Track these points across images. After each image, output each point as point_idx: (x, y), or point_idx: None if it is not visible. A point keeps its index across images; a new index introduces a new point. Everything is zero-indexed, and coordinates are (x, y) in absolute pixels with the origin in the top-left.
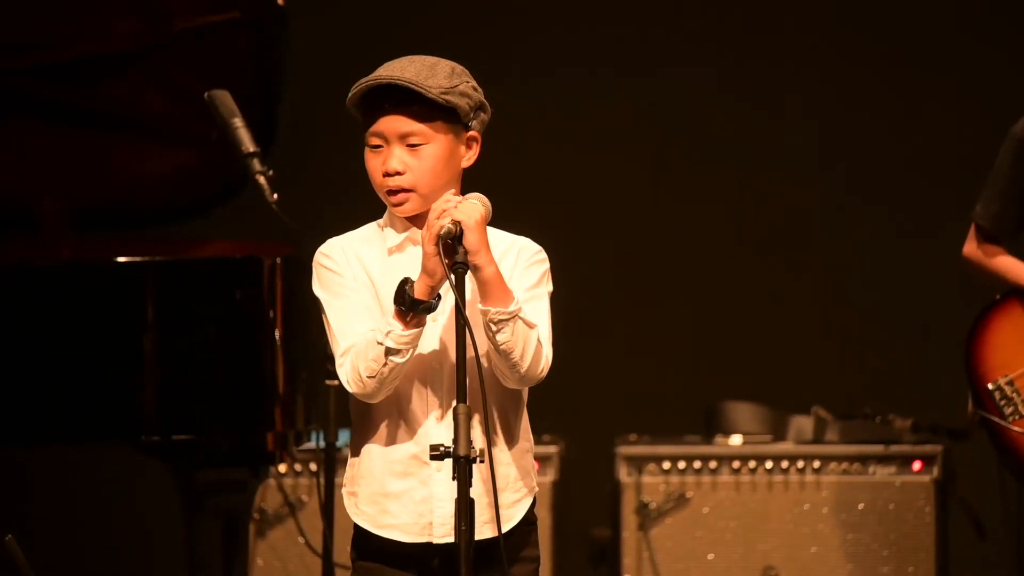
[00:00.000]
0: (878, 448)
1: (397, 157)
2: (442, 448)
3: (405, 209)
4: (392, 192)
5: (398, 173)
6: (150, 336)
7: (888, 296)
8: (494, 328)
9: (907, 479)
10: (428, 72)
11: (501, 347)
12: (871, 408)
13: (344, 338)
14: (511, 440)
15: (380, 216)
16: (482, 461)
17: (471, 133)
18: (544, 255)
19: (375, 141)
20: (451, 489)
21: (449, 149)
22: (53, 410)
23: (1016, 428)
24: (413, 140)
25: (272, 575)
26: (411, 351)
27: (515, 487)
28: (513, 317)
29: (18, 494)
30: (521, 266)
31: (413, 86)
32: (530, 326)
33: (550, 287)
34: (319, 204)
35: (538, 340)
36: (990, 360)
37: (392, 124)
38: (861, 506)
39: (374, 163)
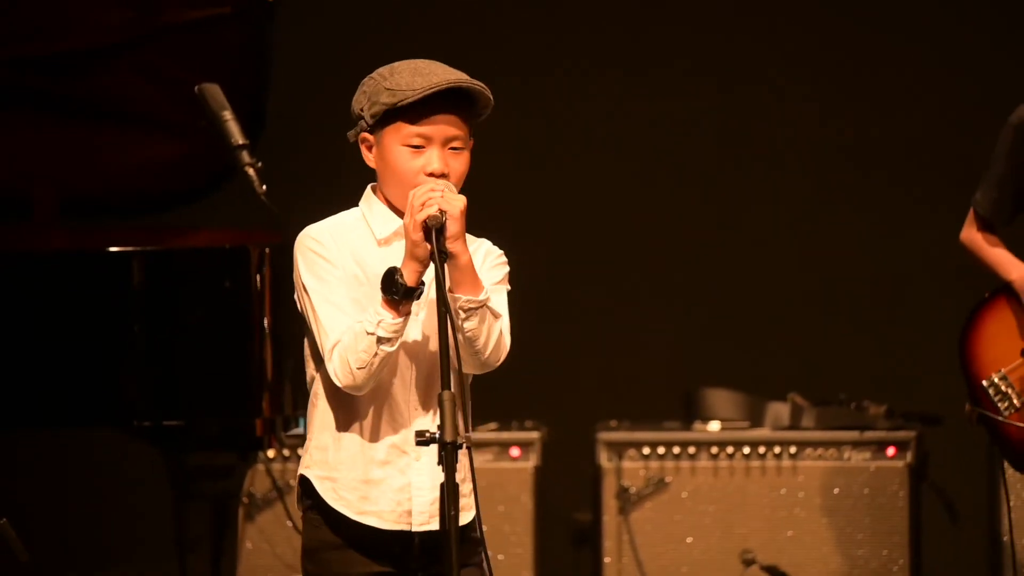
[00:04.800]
0: (853, 434)
1: (443, 159)
2: (428, 434)
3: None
4: None
5: (444, 175)
6: (140, 324)
7: (863, 284)
8: (463, 315)
9: (881, 464)
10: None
11: (468, 334)
12: (846, 395)
13: (333, 331)
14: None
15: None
16: (469, 447)
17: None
18: (505, 258)
19: (418, 141)
20: (430, 477)
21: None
22: (45, 396)
23: (1013, 422)
24: (456, 144)
25: (260, 558)
26: (399, 339)
27: (469, 477)
28: (482, 306)
29: (11, 478)
30: (487, 265)
31: (486, 92)
32: (496, 316)
33: (509, 287)
34: (306, 194)
35: (500, 331)
36: (983, 357)
37: (445, 127)
38: (836, 491)
39: (414, 162)
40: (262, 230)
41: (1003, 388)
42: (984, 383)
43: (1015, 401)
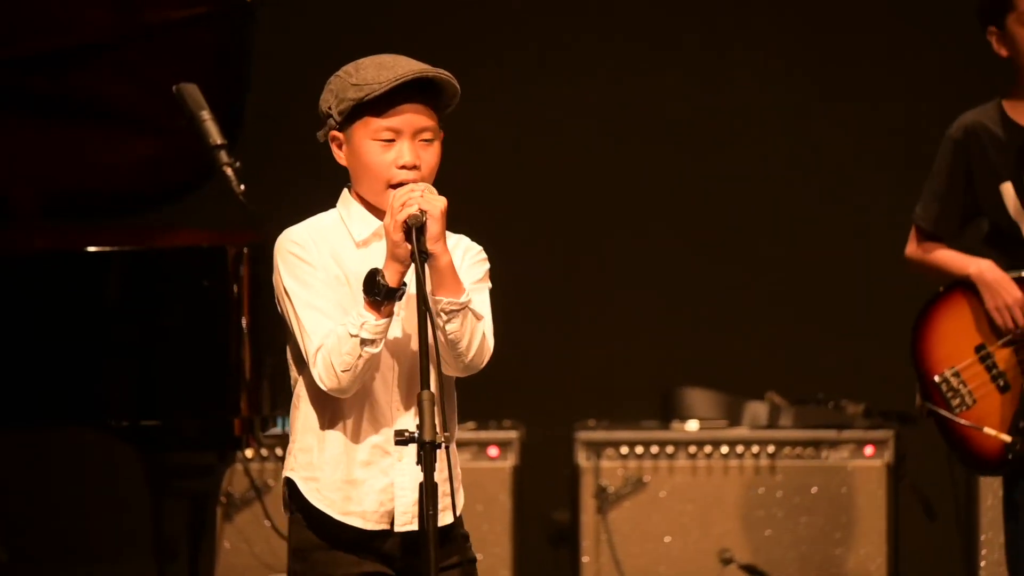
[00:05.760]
0: (831, 433)
1: (414, 151)
2: (407, 433)
3: None
4: (400, 186)
5: (415, 167)
6: (118, 323)
7: (841, 283)
8: (445, 317)
9: (859, 463)
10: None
11: (450, 336)
12: (824, 394)
13: (315, 335)
14: (448, 429)
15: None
16: (447, 447)
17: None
18: (485, 255)
19: (388, 135)
20: (412, 478)
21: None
22: (24, 395)
23: (962, 420)
24: (427, 136)
25: (238, 558)
26: (383, 340)
27: (457, 473)
28: (464, 308)
29: None
30: (467, 263)
31: (452, 80)
32: (478, 317)
33: (490, 284)
34: (286, 194)
35: (483, 333)
36: (936, 352)
37: (413, 118)
38: (814, 490)
39: (385, 155)
40: (241, 230)
41: (955, 385)
42: (936, 379)
43: (967, 400)
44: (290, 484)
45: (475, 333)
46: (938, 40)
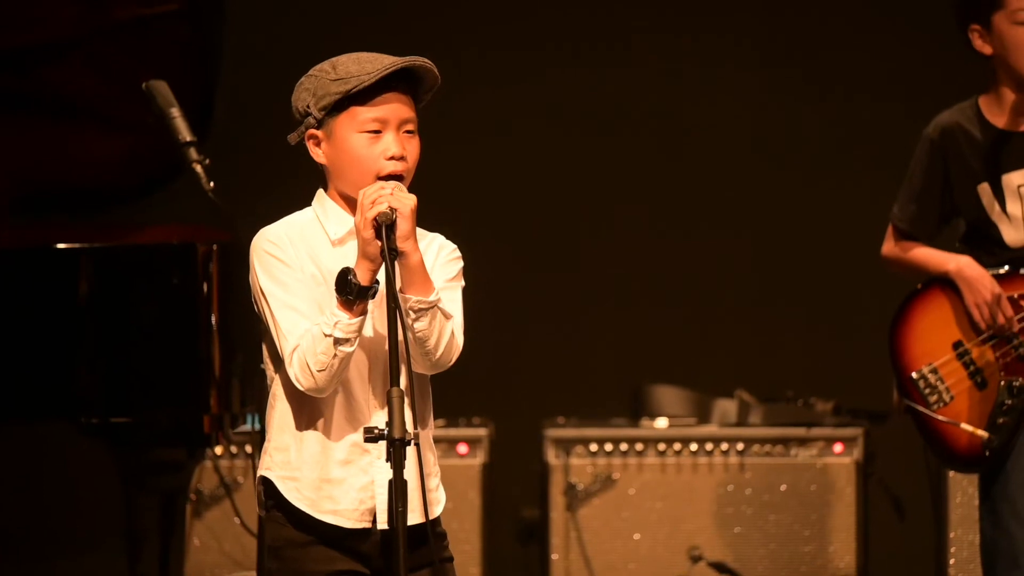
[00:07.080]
0: (800, 431)
1: (400, 142)
2: (377, 430)
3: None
4: (389, 177)
5: (403, 158)
6: (88, 320)
7: (810, 281)
8: (413, 316)
9: (828, 461)
10: None
11: (418, 334)
12: (793, 391)
13: (292, 335)
14: (425, 424)
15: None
16: (416, 444)
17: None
18: (459, 253)
19: (375, 125)
20: (390, 475)
21: None
22: None
23: (940, 416)
24: (409, 127)
25: (208, 554)
26: (357, 339)
27: (435, 471)
28: (432, 307)
29: None
30: (441, 261)
31: (433, 70)
32: (447, 316)
33: (463, 283)
34: (254, 191)
35: (452, 331)
36: (913, 349)
37: (399, 108)
38: (784, 487)
39: (372, 148)
40: (211, 227)
41: (933, 381)
42: (914, 375)
43: (944, 396)
44: (266, 483)
45: (443, 332)
46: (935, 38)
